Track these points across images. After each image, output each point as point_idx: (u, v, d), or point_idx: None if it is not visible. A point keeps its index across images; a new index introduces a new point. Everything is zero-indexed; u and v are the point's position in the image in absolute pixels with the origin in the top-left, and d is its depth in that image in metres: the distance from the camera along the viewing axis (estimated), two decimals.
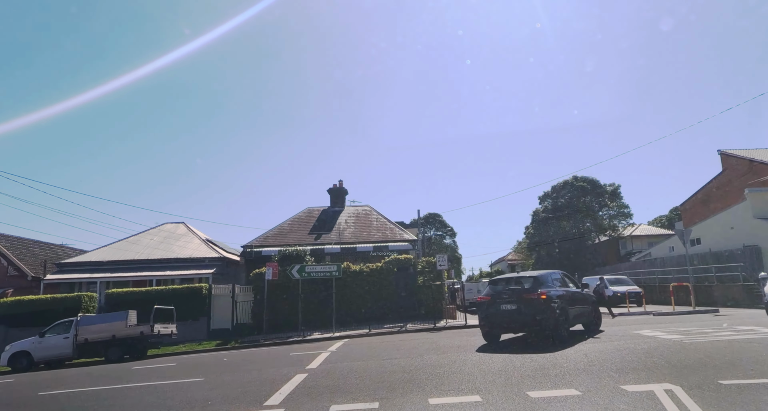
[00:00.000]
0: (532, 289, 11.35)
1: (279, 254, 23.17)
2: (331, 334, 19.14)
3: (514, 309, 11.30)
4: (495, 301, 11.70)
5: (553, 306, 11.02)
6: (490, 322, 11.76)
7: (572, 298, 12.26)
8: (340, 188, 30.67)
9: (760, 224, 26.95)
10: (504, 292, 11.75)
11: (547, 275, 12.22)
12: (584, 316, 12.98)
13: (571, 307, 11.95)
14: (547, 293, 11.13)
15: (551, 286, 11.72)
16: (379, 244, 25.30)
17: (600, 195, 56.37)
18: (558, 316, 11.04)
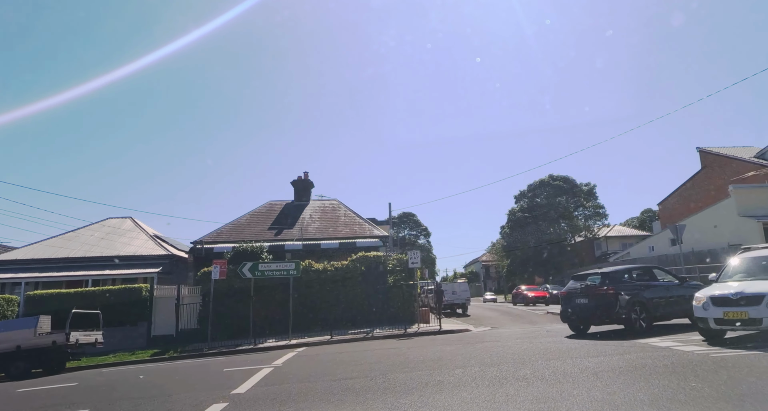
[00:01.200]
0: (601, 284, 12.40)
1: (232, 251, 20.61)
2: (287, 342, 16.74)
3: (586, 303, 12.44)
4: (571, 296, 12.96)
5: (623, 300, 11.74)
6: (567, 315, 12.99)
7: (656, 292, 12.55)
8: (306, 180, 28.20)
9: (744, 222, 25.64)
10: (579, 288, 12.95)
11: (622, 271, 13.21)
12: (680, 309, 12.66)
13: (654, 300, 12.28)
14: (615, 288, 12.00)
15: (625, 281, 12.57)
16: (346, 240, 22.96)
17: (576, 194, 55.33)
18: (630, 309, 11.71)
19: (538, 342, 11.81)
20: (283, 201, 27.74)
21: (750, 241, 25.42)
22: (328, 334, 17.27)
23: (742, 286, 9.46)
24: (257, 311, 18.27)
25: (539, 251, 52.87)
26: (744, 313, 8.89)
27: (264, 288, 19.15)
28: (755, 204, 26.25)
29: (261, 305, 18.85)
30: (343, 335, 17.30)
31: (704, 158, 36.15)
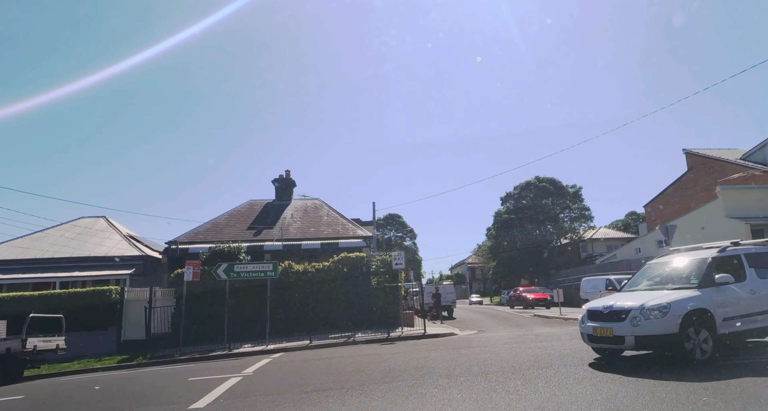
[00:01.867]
0: None
1: (209, 252, 19.67)
2: (263, 347, 15.87)
3: None
4: None
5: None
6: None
7: None
8: (287, 179, 27.30)
9: (732, 223, 25.35)
10: None
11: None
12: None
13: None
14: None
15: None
16: (328, 240, 22.13)
17: (562, 196, 55.08)
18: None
19: (527, 347, 11.16)
20: (264, 200, 26.82)
21: None
22: (308, 339, 16.44)
23: (624, 297, 8.45)
24: (233, 315, 17.35)
25: (525, 253, 52.50)
26: (609, 330, 7.84)
27: (241, 290, 18.26)
28: (743, 205, 26.03)
29: (237, 308, 17.94)
30: (324, 340, 16.49)
31: (690, 160, 36.01)
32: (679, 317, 7.38)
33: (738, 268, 8.51)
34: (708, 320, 7.62)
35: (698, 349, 7.43)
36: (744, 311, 8.08)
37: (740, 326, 7.96)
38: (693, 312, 7.51)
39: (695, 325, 7.48)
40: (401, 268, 18.18)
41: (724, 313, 7.81)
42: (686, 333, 7.38)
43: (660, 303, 7.55)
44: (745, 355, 8.17)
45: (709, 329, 7.57)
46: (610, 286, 23.12)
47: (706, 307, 7.65)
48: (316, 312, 18.79)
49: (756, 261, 8.70)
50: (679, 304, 7.51)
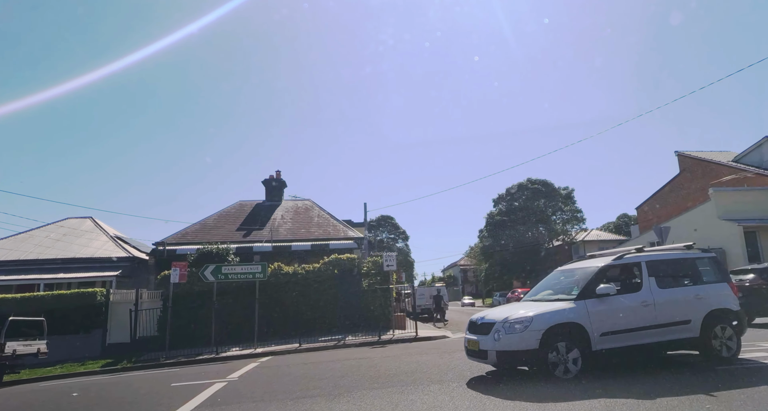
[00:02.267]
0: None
1: (197, 253, 19.28)
2: (252, 350, 15.53)
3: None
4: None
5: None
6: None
7: None
8: (278, 180, 26.95)
9: (725, 225, 25.31)
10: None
11: None
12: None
13: None
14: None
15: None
16: (319, 242, 21.81)
17: (554, 198, 55.12)
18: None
19: None
20: (254, 201, 26.45)
21: (731, 245, 25.21)
22: (297, 342, 16.11)
23: (509, 308, 7.94)
24: (221, 317, 17.00)
25: (517, 255, 52.43)
26: (477, 343, 7.37)
27: (229, 292, 17.90)
28: (735, 207, 25.99)
29: (226, 311, 17.58)
30: (314, 343, 16.17)
31: (682, 162, 36.05)
32: (539, 332, 6.85)
33: (635, 277, 7.92)
34: (580, 335, 7.01)
35: (562, 366, 6.84)
36: (631, 325, 7.31)
37: (624, 342, 7.22)
38: (559, 326, 6.95)
39: (561, 341, 6.90)
40: (392, 269, 17.90)
41: (603, 328, 7.12)
42: (549, 349, 6.83)
43: (523, 316, 7.04)
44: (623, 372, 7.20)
45: (581, 345, 6.97)
46: None
47: (577, 320, 7.04)
48: (306, 314, 18.48)
49: (658, 269, 7.95)
50: (542, 318, 6.98)
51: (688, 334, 7.58)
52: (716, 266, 8.47)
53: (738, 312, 8.01)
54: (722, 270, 8.50)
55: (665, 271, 8.05)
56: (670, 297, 7.70)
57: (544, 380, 6.74)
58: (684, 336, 7.58)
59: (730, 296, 8.08)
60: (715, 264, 8.49)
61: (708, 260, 8.51)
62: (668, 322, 7.49)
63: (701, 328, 7.62)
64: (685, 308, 7.68)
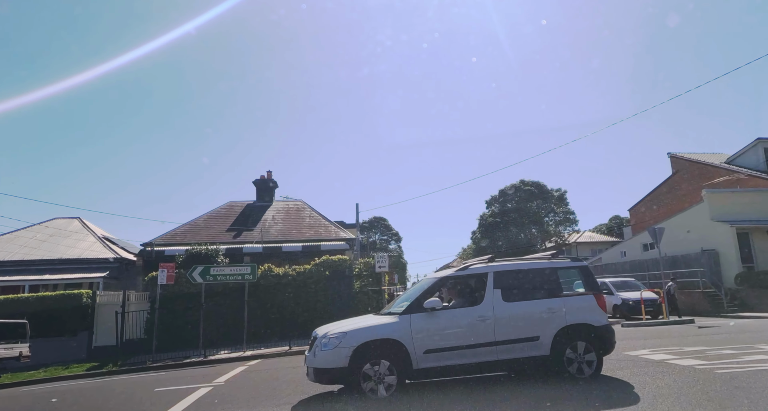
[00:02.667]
0: None
1: (185, 254, 18.94)
2: (241, 353, 15.22)
3: None
4: None
5: None
6: None
7: None
8: (269, 180, 26.63)
9: (718, 226, 25.30)
10: None
11: None
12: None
13: None
14: None
15: None
16: (310, 243, 21.51)
17: (547, 200, 55.13)
18: None
19: None
20: (245, 201, 26.11)
21: (724, 246, 25.19)
22: (287, 345, 15.82)
23: (345, 322, 7.57)
24: (210, 319, 16.69)
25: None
26: (306, 358, 7.10)
27: (218, 294, 17.59)
28: (728, 209, 25.98)
29: (214, 313, 17.26)
30: (304, 345, 15.85)
31: (675, 163, 36.10)
32: (350, 349, 6.46)
33: (479, 289, 7.32)
34: (398, 353, 6.58)
35: (376, 385, 6.46)
36: (462, 342, 6.77)
37: (454, 360, 6.70)
38: (374, 343, 6.55)
39: (377, 359, 6.49)
40: (385, 270, 17.66)
41: (427, 345, 6.66)
42: (363, 367, 6.45)
43: (337, 332, 6.73)
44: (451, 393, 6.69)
45: (400, 363, 6.56)
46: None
47: (395, 337, 6.60)
48: (297, 316, 18.18)
49: (508, 281, 7.33)
50: (355, 335, 6.61)
51: (535, 352, 6.94)
52: (584, 277, 7.71)
53: (601, 327, 7.23)
54: (590, 281, 7.71)
55: (516, 282, 7.40)
56: (515, 311, 7.05)
57: (358, 400, 6.36)
58: (531, 354, 6.93)
59: (593, 310, 7.32)
60: (583, 274, 7.73)
61: (576, 270, 7.81)
62: (510, 338, 6.88)
63: (552, 345, 6.95)
64: (533, 323, 7.02)
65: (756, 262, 24.68)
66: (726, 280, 24.05)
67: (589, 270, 7.90)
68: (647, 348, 9.88)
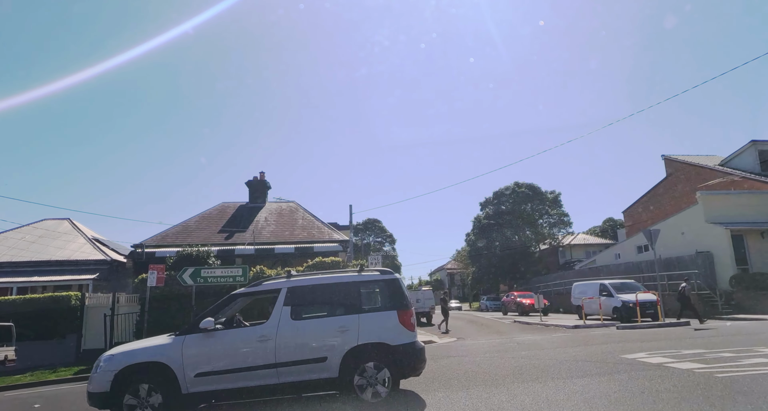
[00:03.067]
0: None
1: (176, 256, 18.67)
2: None
3: None
4: None
5: None
6: None
7: None
8: (262, 181, 26.38)
9: (712, 228, 25.27)
10: None
11: None
12: None
13: None
14: None
15: None
16: (303, 245, 21.29)
17: (541, 202, 55.17)
18: None
19: (509, 357, 10.53)
20: (237, 203, 25.86)
21: (718, 248, 25.17)
22: None
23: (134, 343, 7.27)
24: None
25: (504, 259, 52.28)
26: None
27: (209, 296, 17.25)
28: (722, 211, 25.98)
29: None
30: None
31: (669, 166, 36.15)
32: (111, 373, 6.13)
33: (270, 306, 6.95)
34: (164, 377, 6.22)
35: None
36: (240, 364, 6.38)
37: (229, 384, 6.30)
38: (138, 366, 6.23)
39: (143, 383, 6.17)
40: None
41: (199, 368, 6.30)
42: (126, 392, 6.10)
43: (108, 354, 6.48)
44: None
45: (167, 388, 6.19)
46: (604, 291, 21.96)
47: (161, 359, 6.25)
48: None
49: (302, 297, 6.90)
50: (119, 357, 6.33)
51: (323, 374, 6.45)
52: (391, 291, 7.08)
53: (398, 347, 6.62)
54: (396, 295, 7.04)
55: (312, 299, 7.00)
56: (303, 330, 6.62)
57: None
58: (318, 376, 6.45)
59: (393, 328, 6.74)
60: (389, 288, 7.10)
61: (383, 284, 7.15)
62: (294, 360, 6.44)
63: (340, 367, 6.45)
64: (322, 343, 6.57)
65: (751, 264, 24.68)
66: (720, 282, 24.02)
67: (398, 283, 7.23)
68: (644, 351, 9.72)
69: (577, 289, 24.79)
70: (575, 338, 14.12)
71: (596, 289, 22.69)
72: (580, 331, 17.73)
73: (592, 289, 23.14)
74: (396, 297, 7.02)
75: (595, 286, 23.14)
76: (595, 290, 22.71)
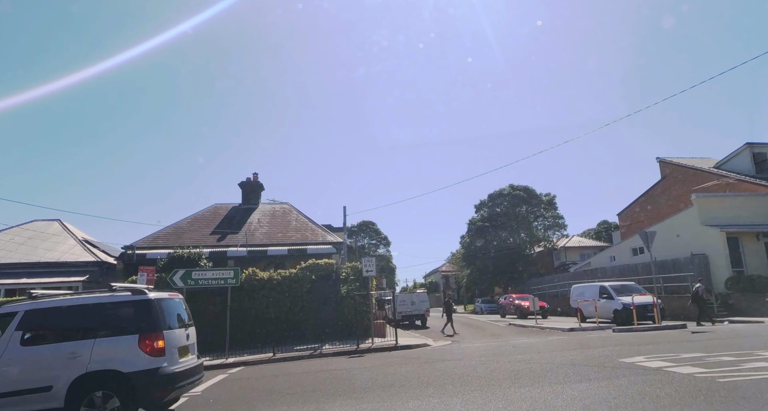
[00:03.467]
0: None
1: (167, 257, 18.37)
2: (223, 360, 14.69)
3: None
4: None
5: None
6: None
7: None
8: (255, 182, 26.07)
9: (708, 231, 25.20)
10: None
11: None
12: None
13: None
14: None
15: None
16: (296, 246, 21.00)
17: (536, 204, 55.05)
18: None
19: (505, 360, 10.32)
20: (230, 204, 25.54)
21: (714, 250, 25.09)
22: (271, 351, 15.29)
23: None
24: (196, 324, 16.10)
25: (499, 261, 52.13)
26: None
27: (201, 299, 17.02)
28: (718, 213, 25.93)
29: (196, 318, 16.65)
30: (288, 352, 15.37)
31: (664, 168, 36.14)
32: None
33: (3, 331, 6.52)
34: None
35: None
36: None
37: None
38: None
39: None
40: (372, 275, 17.21)
41: None
42: None
43: None
44: None
45: None
46: (604, 293, 21.54)
47: None
48: (282, 322, 17.67)
49: (38, 321, 6.55)
50: None
51: (48, 404, 6.06)
52: (139, 313, 6.64)
53: (134, 374, 6.21)
54: (144, 318, 6.60)
55: (51, 322, 6.58)
56: (29, 357, 6.24)
57: None
58: (42, 407, 6.05)
59: (130, 353, 6.32)
60: (138, 310, 6.67)
61: (133, 305, 6.72)
62: (15, 390, 6.06)
63: (66, 396, 6.08)
64: (49, 371, 6.15)
65: (746, 267, 24.60)
66: (716, 285, 23.94)
67: (149, 305, 6.73)
68: (642, 354, 9.54)
69: (576, 292, 24.36)
70: (572, 341, 13.94)
71: (596, 291, 22.23)
72: (576, 334, 17.57)
73: (592, 291, 22.75)
74: (143, 319, 6.58)
75: (594, 289, 22.63)
76: (594, 292, 22.31)
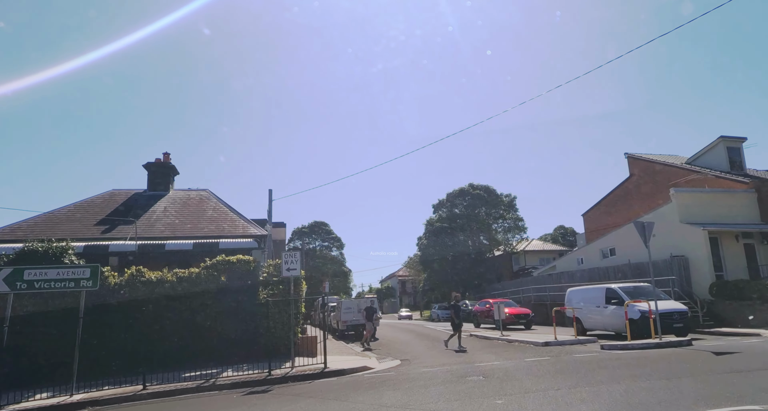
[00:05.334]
0: None
1: (14, 253, 13.57)
2: (65, 398, 10.14)
3: None
4: None
5: None
6: None
7: None
8: (164, 164, 21.30)
9: (688, 229, 22.35)
10: None
11: None
12: None
13: None
14: None
15: None
16: (205, 239, 16.57)
17: (496, 205, 52.23)
18: None
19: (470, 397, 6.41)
20: (132, 190, 20.71)
21: (694, 251, 22.28)
22: (140, 383, 10.81)
23: None
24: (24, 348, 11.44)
25: (457, 265, 48.87)
26: None
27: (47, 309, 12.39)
28: (698, 210, 23.22)
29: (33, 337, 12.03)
30: (170, 382, 10.99)
31: (633, 165, 33.61)
32: None
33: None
34: None
35: None
36: None
37: None
38: None
39: None
40: (295, 274, 12.89)
41: None
42: None
43: None
44: None
45: None
46: (613, 298, 17.12)
47: None
48: (172, 341, 13.20)
49: None
50: None
51: None
52: None
53: None
54: None
55: None
56: None
57: None
58: None
59: None
60: None
61: None
62: None
63: None
64: None
65: (725, 271, 21.93)
66: (697, 290, 21.12)
67: None
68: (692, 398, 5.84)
69: (574, 297, 19.71)
70: (558, 364, 10.28)
71: (601, 295, 17.75)
72: (553, 349, 13.98)
73: (595, 295, 18.24)
74: None
75: (598, 292, 18.07)
76: (599, 297, 17.79)
